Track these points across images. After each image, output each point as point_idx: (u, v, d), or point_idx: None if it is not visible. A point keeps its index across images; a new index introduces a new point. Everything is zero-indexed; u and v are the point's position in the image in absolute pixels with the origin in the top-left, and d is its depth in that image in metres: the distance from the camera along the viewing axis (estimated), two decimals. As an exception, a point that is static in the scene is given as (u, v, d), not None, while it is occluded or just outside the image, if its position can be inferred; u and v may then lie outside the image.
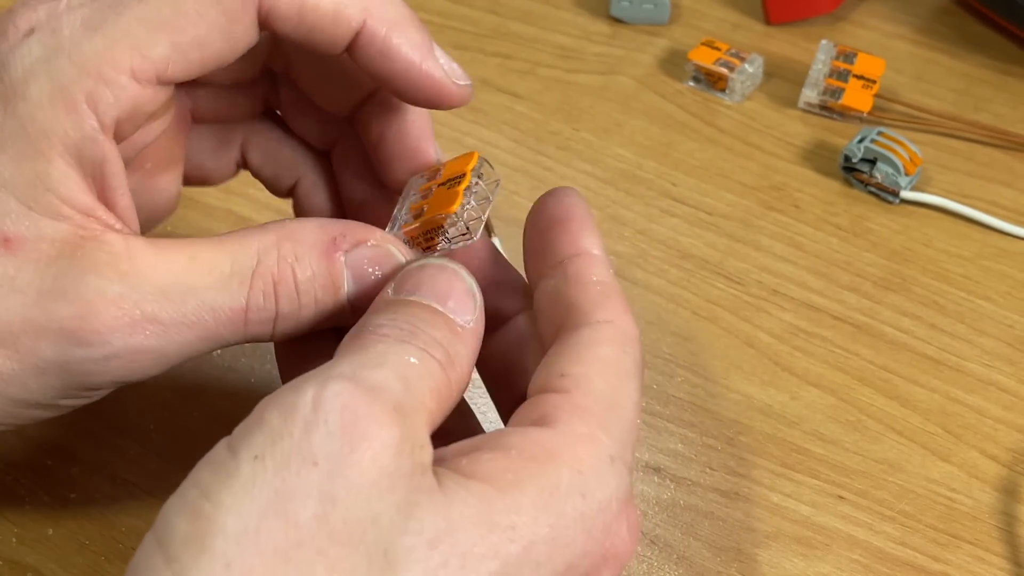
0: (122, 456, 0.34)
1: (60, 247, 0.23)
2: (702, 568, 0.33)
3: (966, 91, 0.50)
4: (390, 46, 0.26)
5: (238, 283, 0.25)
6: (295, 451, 0.19)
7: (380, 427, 0.20)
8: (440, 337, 0.23)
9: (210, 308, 0.24)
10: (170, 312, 0.24)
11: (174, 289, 0.24)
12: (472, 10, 0.54)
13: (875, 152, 0.44)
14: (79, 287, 0.23)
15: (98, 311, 0.23)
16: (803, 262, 0.42)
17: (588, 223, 0.27)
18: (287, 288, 0.25)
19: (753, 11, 0.54)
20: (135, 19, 0.24)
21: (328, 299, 0.26)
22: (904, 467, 0.35)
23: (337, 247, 0.26)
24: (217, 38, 0.24)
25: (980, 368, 0.38)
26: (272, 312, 0.25)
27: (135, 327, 0.24)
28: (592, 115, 0.48)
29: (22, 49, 0.24)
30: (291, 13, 0.25)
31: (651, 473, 0.35)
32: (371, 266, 0.26)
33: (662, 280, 0.41)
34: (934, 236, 0.43)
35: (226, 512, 0.19)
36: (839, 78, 0.48)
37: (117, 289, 0.23)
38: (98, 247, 0.24)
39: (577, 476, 0.22)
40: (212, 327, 0.25)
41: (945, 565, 0.33)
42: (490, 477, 0.21)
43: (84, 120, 0.23)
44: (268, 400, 0.21)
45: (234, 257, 0.25)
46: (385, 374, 0.21)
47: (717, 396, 0.37)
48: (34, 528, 0.32)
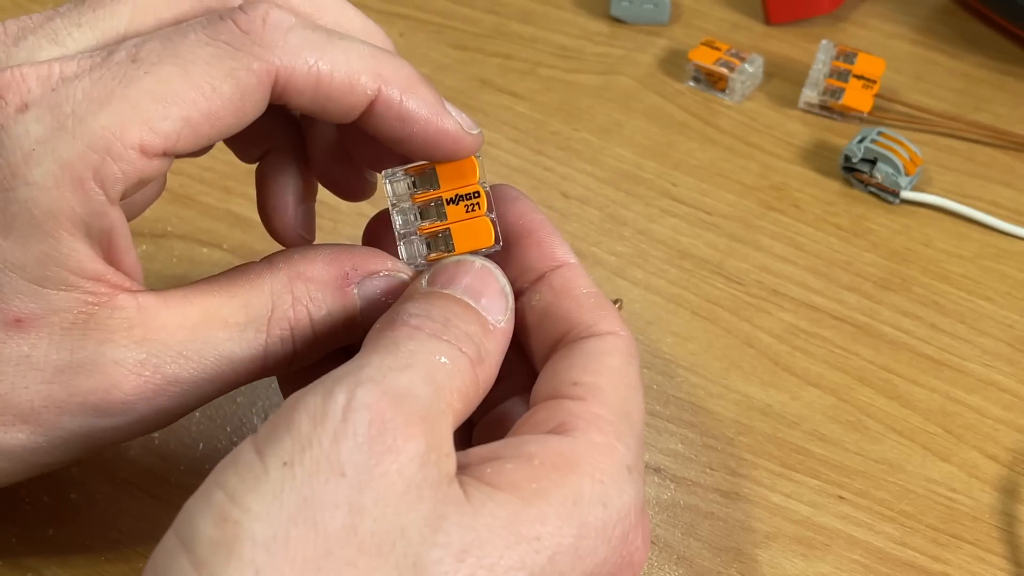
0: (122, 456, 0.34)
1: (73, 318, 0.23)
2: (702, 568, 0.33)
3: (966, 91, 0.50)
4: (407, 109, 0.25)
5: (254, 332, 0.25)
6: (324, 460, 0.19)
7: (406, 439, 0.20)
8: (472, 333, 0.23)
9: (228, 360, 0.25)
10: (190, 371, 0.24)
11: (191, 348, 0.24)
12: (472, 10, 0.54)
13: (875, 152, 0.44)
14: (97, 359, 0.23)
15: (119, 383, 0.23)
16: (803, 262, 0.42)
17: (552, 230, 0.27)
18: (303, 330, 0.25)
19: (753, 11, 0.54)
20: (144, 93, 0.23)
21: (340, 329, 0.26)
22: (904, 467, 0.35)
23: (349, 281, 0.26)
24: (227, 113, 0.24)
25: (980, 368, 0.38)
26: (290, 353, 0.26)
27: (158, 392, 0.24)
28: (592, 115, 0.48)
29: (18, 128, 0.22)
30: (307, 87, 0.24)
31: (651, 473, 0.35)
32: (384, 296, 0.26)
33: (662, 280, 0.41)
34: (934, 236, 0.43)
35: (254, 518, 0.19)
36: (839, 78, 0.48)
37: (136, 356, 0.23)
38: (111, 314, 0.24)
39: (599, 486, 0.22)
40: (231, 377, 0.25)
41: (945, 565, 0.33)
42: (514, 487, 0.21)
43: (91, 196, 0.23)
44: (297, 401, 0.21)
45: (247, 304, 0.25)
46: (412, 378, 0.21)
47: (717, 396, 0.37)
48: (34, 528, 0.32)
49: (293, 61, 0.24)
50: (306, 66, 0.24)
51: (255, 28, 0.23)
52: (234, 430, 0.35)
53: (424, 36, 0.52)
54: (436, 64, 0.51)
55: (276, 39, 0.24)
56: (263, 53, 0.23)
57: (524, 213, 0.28)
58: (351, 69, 0.24)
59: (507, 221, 0.27)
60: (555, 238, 0.27)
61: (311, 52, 0.24)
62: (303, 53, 0.24)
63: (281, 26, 0.24)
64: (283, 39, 0.24)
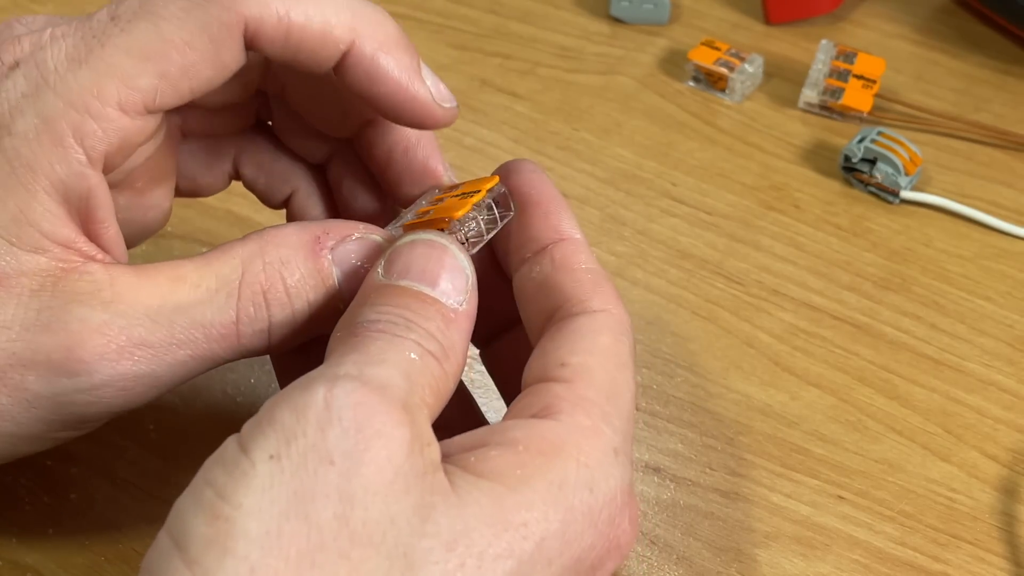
0: (122, 456, 0.34)
1: (41, 280, 0.23)
2: (702, 568, 0.33)
3: (966, 91, 0.50)
4: (377, 67, 0.25)
5: (225, 296, 0.24)
6: (311, 450, 0.19)
7: (393, 425, 0.20)
8: (434, 329, 0.23)
9: (200, 325, 0.24)
10: (159, 335, 0.24)
11: (160, 311, 0.24)
12: (472, 10, 0.54)
13: (875, 152, 0.44)
14: (63, 318, 0.23)
15: (83, 340, 0.23)
16: (803, 262, 0.42)
17: (562, 204, 0.27)
18: (277, 294, 0.25)
19: (753, 11, 0.54)
20: (120, 50, 0.23)
21: (320, 298, 0.26)
22: (904, 467, 0.35)
23: (322, 245, 0.26)
24: (205, 65, 0.24)
25: (980, 368, 0.38)
26: (265, 322, 0.25)
27: (122, 353, 0.23)
28: (592, 115, 0.48)
29: (7, 83, 0.23)
30: (278, 34, 0.24)
31: (651, 473, 0.35)
32: (359, 259, 0.26)
33: (662, 280, 0.41)
34: (934, 236, 0.43)
35: (246, 514, 0.19)
36: (839, 78, 0.48)
37: (102, 317, 0.23)
38: (80, 277, 0.23)
39: (584, 470, 0.22)
40: (204, 345, 0.24)
41: (945, 565, 0.33)
42: (500, 475, 0.21)
43: (70, 155, 0.23)
44: (277, 399, 0.21)
45: (218, 271, 0.25)
46: (389, 372, 0.21)
47: (717, 396, 0.37)
48: (34, 528, 0.32)
49: (262, 11, 0.24)
50: (276, 16, 0.24)
51: None
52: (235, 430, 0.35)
53: (424, 36, 0.52)
54: (436, 64, 0.51)
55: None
56: (232, 3, 0.24)
57: (535, 183, 0.27)
58: (324, 20, 0.25)
59: (518, 190, 0.27)
60: (563, 211, 0.27)
61: (282, 2, 0.24)
62: (273, 3, 0.24)
63: None
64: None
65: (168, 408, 0.36)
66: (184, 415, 0.36)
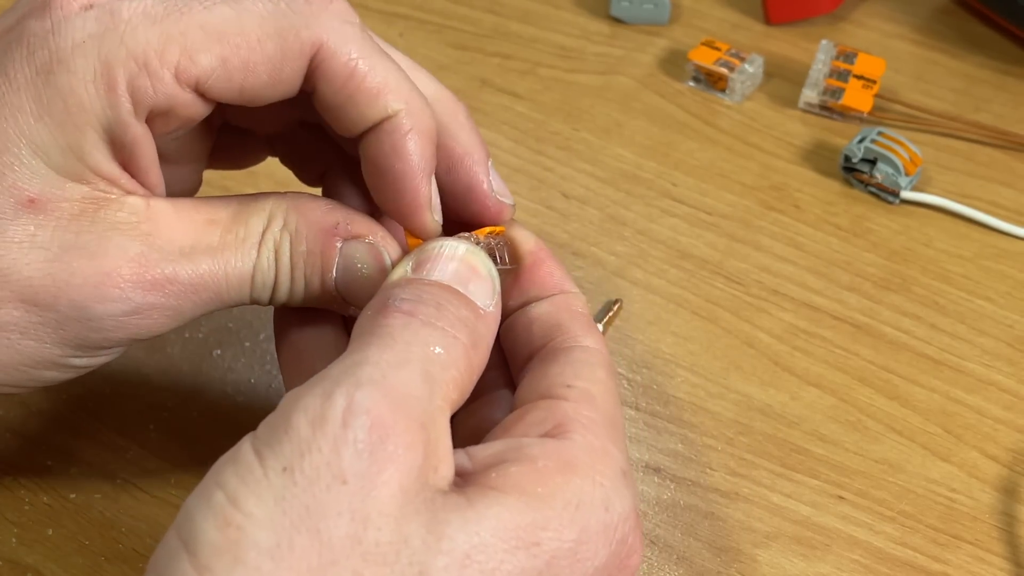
0: (122, 456, 0.34)
1: (82, 207, 0.24)
2: (702, 568, 0.33)
3: (966, 91, 0.50)
4: (405, 147, 0.26)
5: (249, 247, 0.26)
6: (325, 467, 0.19)
7: (407, 449, 0.20)
8: (465, 317, 0.23)
9: (223, 271, 0.25)
10: (188, 272, 0.25)
11: (193, 250, 0.25)
12: (472, 10, 0.54)
13: (875, 152, 0.44)
14: (102, 244, 0.24)
15: (119, 268, 0.24)
16: (803, 262, 0.42)
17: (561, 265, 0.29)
18: (284, 259, 0.26)
19: (753, 11, 0.54)
20: (195, 23, 0.24)
21: (316, 280, 0.27)
22: (904, 467, 0.35)
23: (337, 233, 0.26)
24: (264, 71, 0.24)
25: (980, 368, 0.38)
26: (272, 279, 0.26)
27: (154, 285, 0.24)
28: (592, 115, 0.48)
29: (76, 21, 0.24)
30: (340, 75, 0.25)
31: (651, 473, 0.35)
32: (362, 262, 0.27)
33: (662, 280, 0.41)
34: (934, 236, 0.43)
35: (257, 525, 0.19)
36: (839, 78, 0.48)
37: (139, 248, 0.24)
38: (120, 208, 0.24)
39: (600, 488, 0.22)
40: (224, 288, 0.26)
41: (945, 565, 0.33)
42: (520, 490, 0.21)
43: (121, 102, 0.24)
44: (295, 402, 0.21)
45: (248, 221, 0.26)
46: (410, 375, 0.21)
47: (717, 396, 0.37)
48: (34, 528, 0.32)
49: (338, 46, 0.25)
50: (347, 56, 0.25)
51: (318, 4, 0.25)
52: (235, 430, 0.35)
53: (424, 36, 0.52)
54: (436, 64, 0.51)
55: (332, 21, 0.25)
56: (315, 25, 0.24)
57: (542, 247, 0.29)
58: (386, 81, 0.25)
59: (530, 251, 0.29)
60: (565, 272, 0.29)
61: (357, 48, 0.25)
62: (350, 45, 0.25)
63: (342, 15, 0.25)
64: (339, 24, 0.25)
65: (168, 408, 0.36)
66: (184, 415, 0.36)
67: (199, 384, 0.37)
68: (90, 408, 0.36)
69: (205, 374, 0.37)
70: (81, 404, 0.36)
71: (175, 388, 0.36)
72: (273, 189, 0.28)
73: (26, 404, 0.36)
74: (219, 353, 0.38)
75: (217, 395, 0.36)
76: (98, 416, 0.35)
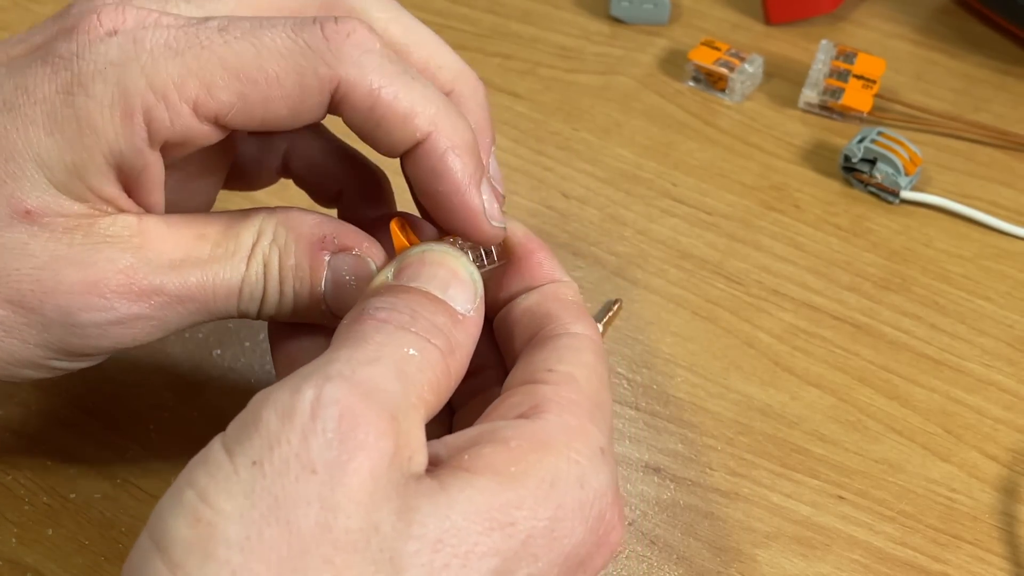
0: (122, 456, 0.34)
1: (77, 221, 0.25)
2: (702, 568, 0.33)
3: (966, 91, 0.50)
4: (444, 166, 0.26)
5: (238, 260, 0.26)
6: (294, 458, 0.20)
7: (377, 437, 0.20)
8: (441, 324, 0.23)
9: (211, 283, 0.26)
10: (176, 284, 0.25)
11: (182, 264, 0.25)
12: (472, 10, 0.54)
13: (875, 152, 0.44)
14: (92, 255, 0.24)
15: (107, 279, 0.24)
16: (803, 262, 0.42)
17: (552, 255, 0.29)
18: (272, 272, 0.26)
19: (753, 11, 0.54)
20: (215, 57, 0.24)
21: (304, 293, 0.27)
22: (904, 467, 0.35)
23: (325, 247, 0.27)
24: (284, 105, 0.25)
25: (980, 368, 0.38)
26: (260, 293, 0.26)
27: (141, 296, 0.25)
28: (592, 115, 0.48)
29: (101, 47, 0.24)
30: (364, 104, 0.25)
31: (651, 473, 0.35)
32: (349, 274, 0.27)
33: (662, 280, 0.41)
34: (934, 236, 0.43)
35: (227, 519, 0.19)
36: (839, 78, 0.48)
37: (129, 260, 0.25)
38: (113, 223, 0.25)
39: (575, 466, 0.22)
40: (211, 300, 0.26)
41: (945, 565, 0.33)
42: (494, 470, 0.21)
43: (136, 132, 0.24)
44: (264, 397, 0.21)
45: (238, 235, 0.26)
46: (382, 371, 0.21)
47: (717, 396, 0.37)
48: (34, 528, 0.32)
49: (359, 78, 0.25)
50: (368, 87, 0.25)
51: (337, 39, 0.24)
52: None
53: (424, 36, 0.52)
54: (436, 64, 0.51)
55: (352, 54, 0.24)
56: (334, 61, 0.24)
57: (531, 239, 0.29)
58: (412, 106, 0.25)
59: (517, 243, 0.29)
60: (555, 261, 0.29)
61: (379, 77, 0.25)
62: (371, 75, 0.25)
63: (361, 45, 0.25)
64: (358, 56, 0.25)
65: (168, 408, 0.36)
66: (184, 415, 0.36)
67: (199, 384, 0.37)
68: (90, 408, 0.36)
69: (205, 374, 0.37)
70: (81, 404, 0.36)
71: (175, 388, 0.36)
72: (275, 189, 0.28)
73: (26, 404, 0.36)
74: (219, 353, 0.38)
75: (217, 395, 0.36)
76: (98, 416, 0.35)
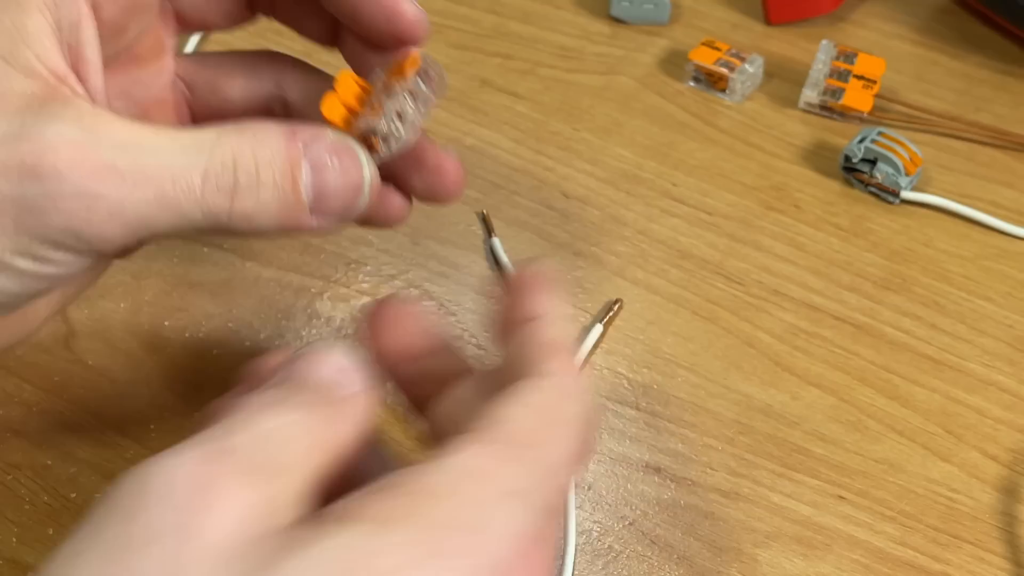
0: (122, 456, 0.34)
1: (29, 100, 0.24)
2: (702, 568, 0.33)
3: (966, 91, 0.50)
4: None
5: (197, 151, 0.25)
6: (139, 528, 0.19)
7: (229, 495, 0.19)
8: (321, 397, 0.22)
9: (168, 167, 0.25)
10: (128, 162, 0.24)
11: (134, 145, 0.25)
12: (472, 10, 0.54)
13: (875, 152, 0.44)
14: (42, 130, 0.24)
15: (56, 149, 0.24)
16: (803, 262, 0.42)
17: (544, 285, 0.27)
18: (246, 161, 0.25)
19: (753, 11, 0.54)
20: None
21: (286, 184, 0.26)
22: (904, 467, 0.35)
23: (296, 136, 0.26)
24: None
25: (980, 368, 0.38)
26: (229, 185, 0.25)
27: (93, 171, 0.24)
28: (592, 115, 0.48)
29: None
30: None
31: (651, 473, 0.35)
32: (330, 155, 0.26)
33: (662, 280, 0.41)
34: (934, 236, 0.43)
35: None
36: (839, 78, 0.48)
37: (78, 135, 0.24)
38: (66, 104, 0.25)
39: (459, 509, 0.20)
40: (170, 190, 0.25)
41: (945, 565, 0.33)
42: (364, 517, 0.20)
43: None
44: (121, 477, 0.20)
45: (196, 133, 0.26)
46: (241, 438, 0.20)
47: (717, 396, 0.37)
48: (34, 528, 0.32)
49: None
50: None
51: None
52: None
53: (424, 36, 0.52)
54: (436, 64, 0.51)
55: None
56: None
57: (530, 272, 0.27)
58: None
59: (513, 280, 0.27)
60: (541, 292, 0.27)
61: None
62: None
63: None
64: None
65: (168, 408, 0.36)
66: (184, 415, 0.36)
67: (199, 384, 0.37)
68: (90, 407, 0.36)
69: (205, 374, 0.37)
70: (82, 403, 0.36)
71: (175, 388, 0.37)
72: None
73: (27, 403, 0.36)
74: (219, 352, 0.38)
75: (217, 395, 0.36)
76: (98, 415, 0.35)
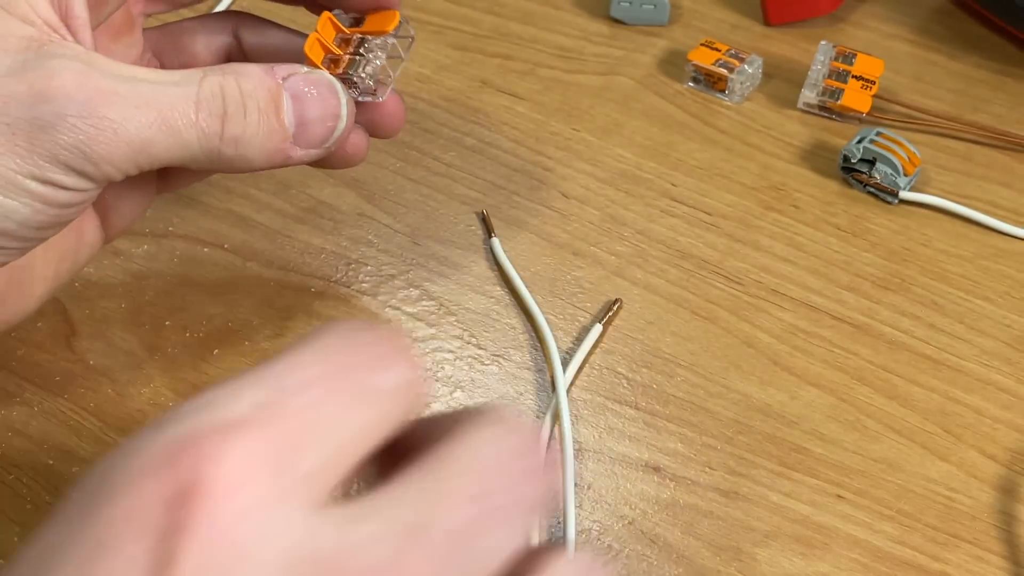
0: (123, 455, 0.34)
1: (28, 42, 0.26)
2: (702, 567, 0.33)
3: (965, 92, 0.50)
4: None
5: (188, 82, 0.28)
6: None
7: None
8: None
9: (163, 92, 0.27)
10: (128, 89, 0.27)
11: (130, 76, 0.27)
12: (472, 11, 0.54)
13: (874, 152, 0.44)
14: (45, 63, 0.26)
15: (61, 75, 0.26)
16: (802, 262, 0.42)
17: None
18: (232, 91, 0.28)
19: (752, 12, 0.54)
20: None
21: (270, 110, 0.28)
22: (903, 466, 0.35)
23: (275, 71, 0.29)
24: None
25: (979, 368, 0.39)
26: (220, 108, 0.28)
27: (98, 93, 0.26)
28: (592, 115, 0.48)
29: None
30: None
31: (651, 472, 0.35)
32: (307, 86, 0.29)
33: (662, 280, 0.41)
34: (933, 236, 0.43)
35: None
36: (838, 79, 0.48)
37: (79, 66, 0.26)
38: (62, 45, 0.27)
39: None
40: (168, 111, 0.27)
41: (944, 564, 0.33)
42: None
43: None
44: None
45: (184, 72, 0.28)
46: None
47: (717, 396, 0.37)
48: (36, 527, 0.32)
49: None
50: None
51: None
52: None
53: (424, 37, 0.52)
54: (436, 64, 0.51)
55: None
56: None
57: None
58: None
59: None
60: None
61: None
62: None
63: None
64: None
65: (168, 408, 0.36)
66: (185, 414, 0.36)
67: (199, 384, 0.37)
68: (92, 407, 0.36)
69: (205, 374, 0.37)
70: (83, 403, 0.36)
71: (175, 388, 0.37)
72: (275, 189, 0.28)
73: (28, 403, 0.36)
74: (218, 352, 0.38)
75: (218, 395, 0.37)
76: (99, 415, 0.36)
